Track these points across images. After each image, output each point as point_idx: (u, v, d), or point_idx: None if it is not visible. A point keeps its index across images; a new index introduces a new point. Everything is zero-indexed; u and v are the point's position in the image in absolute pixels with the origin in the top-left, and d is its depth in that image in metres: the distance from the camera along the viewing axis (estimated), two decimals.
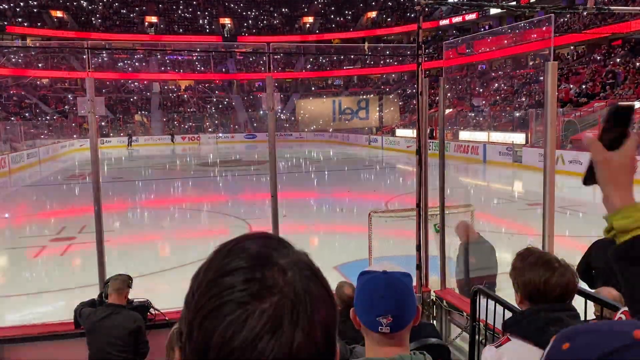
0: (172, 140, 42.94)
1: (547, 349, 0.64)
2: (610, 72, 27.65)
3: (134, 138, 40.90)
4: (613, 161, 0.94)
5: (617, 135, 0.96)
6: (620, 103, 0.99)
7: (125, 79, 50.76)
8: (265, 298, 0.53)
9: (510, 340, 1.69)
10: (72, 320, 3.96)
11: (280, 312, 0.53)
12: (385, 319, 1.26)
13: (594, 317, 2.92)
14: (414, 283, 4.66)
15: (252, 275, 0.55)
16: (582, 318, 2.82)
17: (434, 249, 4.96)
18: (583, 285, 3.77)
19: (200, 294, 0.55)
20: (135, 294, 4.15)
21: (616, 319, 2.36)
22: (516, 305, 3.12)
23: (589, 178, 0.99)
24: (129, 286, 3.86)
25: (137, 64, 52.61)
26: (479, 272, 5.17)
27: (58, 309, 7.00)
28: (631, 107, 0.99)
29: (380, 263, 1.37)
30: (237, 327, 0.52)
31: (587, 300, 2.85)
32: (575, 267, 4.10)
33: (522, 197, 16.78)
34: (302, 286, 0.56)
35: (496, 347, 1.70)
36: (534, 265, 1.79)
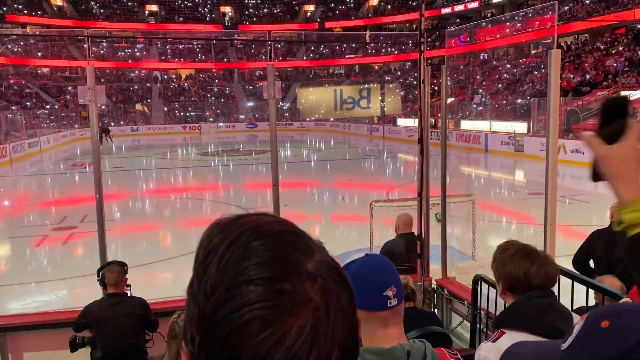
0: (104, 137, 30.19)
1: (580, 326, 0.61)
2: (628, 60, 27.22)
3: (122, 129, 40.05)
4: (614, 155, 0.93)
5: (615, 128, 0.94)
6: (613, 96, 0.98)
7: (125, 68, 50.57)
8: (299, 314, 0.49)
9: (505, 333, 1.70)
10: (74, 309, 3.97)
11: (316, 328, 0.49)
12: (391, 290, 1.29)
13: (594, 304, 2.93)
14: (416, 272, 4.67)
15: (280, 287, 0.50)
16: (584, 306, 2.83)
17: (435, 238, 4.97)
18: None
19: (218, 302, 0.50)
20: (137, 282, 4.17)
21: None
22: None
23: (596, 175, 0.97)
24: (125, 272, 3.87)
25: (137, 53, 52.39)
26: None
27: (60, 298, 7.04)
28: (626, 99, 0.97)
29: (352, 257, 1.40)
30: (272, 345, 0.48)
31: (589, 289, 2.85)
32: (574, 256, 4.10)
33: (523, 186, 16.76)
34: (334, 295, 0.52)
35: (492, 342, 1.70)
36: (513, 257, 1.83)
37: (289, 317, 0.49)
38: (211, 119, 46.81)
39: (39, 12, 50.38)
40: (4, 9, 47.22)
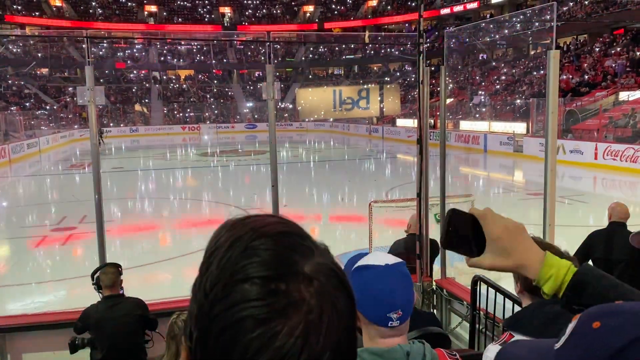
0: (100, 138, 28.63)
1: (573, 326, 0.61)
2: (630, 60, 27.12)
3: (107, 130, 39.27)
4: (494, 262, 0.94)
5: (472, 239, 0.94)
6: (445, 228, 0.94)
7: (124, 69, 50.54)
8: (291, 315, 0.49)
9: (513, 337, 1.68)
10: (74, 309, 3.97)
11: (307, 330, 0.49)
12: (395, 313, 1.25)
13: None
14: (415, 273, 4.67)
15: (275, 287, 0.50)
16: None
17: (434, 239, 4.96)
18: None
19: (215, 299, 0.51)
20: (136, 283, 4.16)
21: None
22: (517, 295, 3.13)
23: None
24: (120, 274, 3.85)
25: (137, 53, 52.37)
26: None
27: (59, 299, 7.04)
28: (449, 214, 0.95)
29: (373, 254, 1.35)
30: (262, 344, 0.49)
31: None
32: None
33: (522, 186, 16.77)
34: (330, 298, 0.52)
35: (500, 345, 1.68)
36: None
37: (281, 317, 0.49)
38: (210, 120, 46.78)
39: (38, 13, 50.34)
40: (3, 12, 47.17)
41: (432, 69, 4.57)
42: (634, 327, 0.56)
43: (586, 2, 34.47)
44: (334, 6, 58.23)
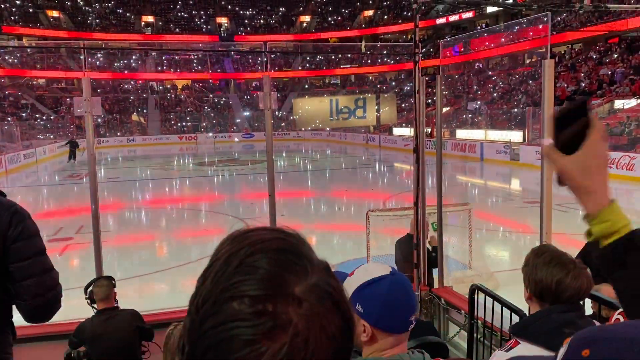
0: (72, 155, 28.00)
1: (563, 352, 0.60)
2: (635, 68, 27.20)
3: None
4: (572, 168, 0.87)
5: (572, 134, 0.86)
6: (572, 99, 0.90)
7: (121, 79, 50.63)
8: (276, 337, 0.49)
9: (519, 343, 1.67)
10: (70, 321, 3.94)
11: (292, 352, 0.49)
12: (414, 316, 1.28)
13: (591, 313, 2.93)
14: (413, 281, 4.66)
15: (263, 307, 0.50)
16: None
17: None
18: None
19: (205, 314, 0.51)
20: (133, 293, 4.14)
21: (613, 319, 2.35)
22: (514, 304, 3.13)
23: (561, 180, 0.90)
24: (114, 286, 3.81)
25: (133, 64, 52.48)
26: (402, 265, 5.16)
27: None
28: (582, 99, 0.90)
29: (363, 268, 1.34)
30: None
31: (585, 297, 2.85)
32: None
33: (519, 195, 16.80)
34: (319, 321, 0.51)
35: (506, 351, 1.67)
36: (548, 264, 1.75)
37: (265, 339, 0.49)
38: (207, 130, 46.78)
39: (35, 24, 50.44)
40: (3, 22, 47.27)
41: (428, 77, 4.60)
42: (624, 355, 0.55)
43: (581, 12, 34.72)
44: (330, 16, 58.56)
